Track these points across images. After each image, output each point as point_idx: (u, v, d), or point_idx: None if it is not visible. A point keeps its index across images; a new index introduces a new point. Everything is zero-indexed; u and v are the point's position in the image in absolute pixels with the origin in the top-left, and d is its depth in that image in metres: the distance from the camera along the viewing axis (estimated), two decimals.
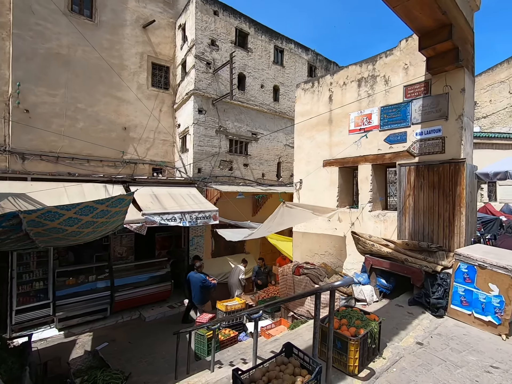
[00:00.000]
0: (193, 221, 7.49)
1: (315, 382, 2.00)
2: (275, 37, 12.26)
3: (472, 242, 4.67)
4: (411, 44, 5.22)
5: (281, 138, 12.53)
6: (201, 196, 8.82)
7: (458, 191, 4.56)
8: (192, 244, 9.57)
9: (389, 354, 3.00)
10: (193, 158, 9.82)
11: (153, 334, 7.14)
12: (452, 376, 2.65)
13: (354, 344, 2.60)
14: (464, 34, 4.57)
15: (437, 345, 3.19)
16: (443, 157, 4.74)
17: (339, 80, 6.50)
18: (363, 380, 2.58)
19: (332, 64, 14.88)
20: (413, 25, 4.16)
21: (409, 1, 3.56)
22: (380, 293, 4.96)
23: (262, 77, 11.77)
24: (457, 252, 3.91)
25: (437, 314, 3.90)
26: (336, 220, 6.35)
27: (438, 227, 4.79)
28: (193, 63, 9.91)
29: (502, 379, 2.62)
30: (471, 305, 3.69)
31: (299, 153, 7.33)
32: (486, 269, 3.54)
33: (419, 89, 5.09)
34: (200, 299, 6.95)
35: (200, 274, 6.99)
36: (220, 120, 10.52)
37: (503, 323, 3.39)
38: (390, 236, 5.38)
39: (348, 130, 6.22)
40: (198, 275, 6.95)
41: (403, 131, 5.28)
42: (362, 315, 3.10)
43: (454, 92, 4.65)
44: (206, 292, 6.99)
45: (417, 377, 2.63)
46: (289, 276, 6.15)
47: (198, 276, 6.92)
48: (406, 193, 5.20)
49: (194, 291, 6.95)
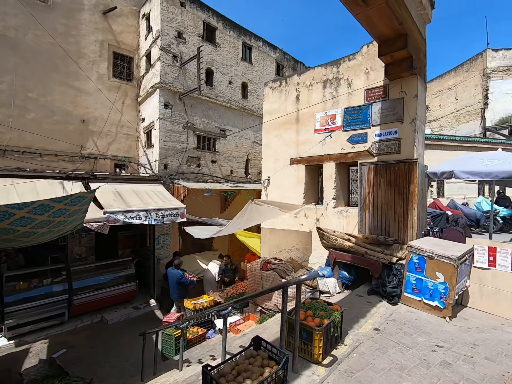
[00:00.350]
0: (160, 219, 7.29)
1: (282, 371, 2.09)
2: (244, 34, 12.24)
3: (423, 235, 5.13)
4: (372, 50, 5.53)
5: (249, 135, 12.59)
6: (167, 193, 8.59)
7: (411, 188, 4.97)
8: (158, 242, 9.31)
9: (350, 341, 3.22)
10: (159, 154, 9.51)
11: (116, 336, 6.86)
12: (404, 356, 2.92)
13: (318, 333, 2.75)
14: (418, 44, 4.95)
15: (392, 330, 3.48)
16: (398, 157, 5.13)
17: (305, 81, 6.69)
18: (326, 366, 2.74)
19: (299, 64, 15.22)
20: (373, 32, 4.42)
21: (370, 10, 3.79)
22: (342, 284, 5.26)
23: (230, 73, 11.70)
24: (409, 245, 4.27)
25: (392, 301, 4.25)
26: (303, 217, 6.58)
27: (394, 222, 5.18)
28: (159, 55, 9.55)
29: (445, 356, 2.94)
30: (421, 292, 4.07)
31: (267, 150, 7.44)
32: (434, 259, 3.92)
33: (378, 93, 5.44)
34: (177, 295, 7.01)
35: (178, 271, 7.04)
36: (188, 115, 10.29)
37: (447, 307, 3.80)
38: (352, 231, 5.71)
39: (314, 130, 6.45)
40: (175, 271, 7.00)
41: (364, 132, 5.61)
42: (326, 306, 3.28)
43: (408, 97, 5.04)
44: (183, 288, 7.06)
45: (374, 360, 2.86)
46: (257, 272, 6.26)
47: (176, 272, 6.97)
48: (366, 191, 5.55)
49: (172, 287, 7.04)
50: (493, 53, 21.26)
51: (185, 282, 6.95)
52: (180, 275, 6.93)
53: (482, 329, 3.56)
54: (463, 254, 3.90)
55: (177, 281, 6.89)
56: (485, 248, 4.09)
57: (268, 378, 1.97)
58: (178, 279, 6.88)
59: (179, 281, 6.90)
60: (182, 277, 6.93)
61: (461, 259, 3.79)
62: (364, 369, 2.71)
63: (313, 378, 2.56)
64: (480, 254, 4.14)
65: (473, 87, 22.70)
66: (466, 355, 2.95)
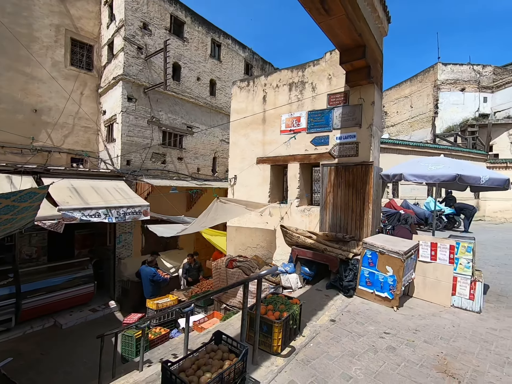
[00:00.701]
0: (121, 217, 7.01)
1: (241, 363, 2.18)
2: (213, 30, 12.13)
3: (377, 232, 5.55)
4: (335, 58, 5.83)
5: (217, 133, 12.54)
6: (130, 190, 8.28)
7: (367, 189, 5.35)
8: (119, 241, 8.94)
9: (308, 332, 3.41)
10: (121, 149, 9.11)
11: (71, 341, 6.49)
12: (355, 344, 3.17)
13: (278, 326, 2.88)
14: (375, 55, 5.33)
15: (346, 320, 3.74)
16: (356, 159, 5.48)
17: (272, 82, 6.85)
18: (285, 357, 2.89)
19: (268, 64, 15.45)
20: (335, 41, 4.67)
21: (332, 20, 4.01)
22: (304, 280, 5.50)
23: (198, 70, 11.54)
24: (364, 241, 4.61)
25: (348, 294, 4.55)
26: (268, 215, 6.74)
27: (351, 220, 5.54)
28: (122, 45, 9.14)
29: (391, 341, 3.25)
30: (373, 284, 4.41)
31: (234, 149, 7.49)
32: (385, 254, 4.28)
33: (339, 98, 5.75)
34: (149, 292, 6.99)
35: (151, 268, 7.04)
36: (153, 110, 9.98)
37: (395, 298, 4.17)
38: (314, 228, 5.99)
39: (280, 130, 6.63)
40: (148, 269, 7.01)
41: (326, 134, 5.90)
42: (286, 300, 3.44)
43: (366, 104, 5.40)
44: (156, 286, 7.06)
45: (329, 349, 3.07)
46: (223, 270, 6.31)
47: (148, 270, 6.99)
48: (327, 190, 5.85)
49: (145, 285, 7.04)
50: (443, 67, 23.33)
51: (157, 280, 7.00)
52: (153, 273, 6.97)
53: (424, 316, 3.97)
54: (409, 249, 4.29)
55: (150, 278, 6.91)
56: (428, 243, 4.55)
57: (228, 370, 2.05)
58: (151, 276, 6.91)
59: (152, 279, 6.91)
60: (155, 275, 6.97)
61: (407, 254, 4.17)
62: (319, 357, 2.90)
63: (272, 369, 2.69)
64: (424, 249, 4.59)
65: (425, 97, 24.73)
66: (409, 340, 3.28)
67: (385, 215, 9.30)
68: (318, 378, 2.58)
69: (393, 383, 2.53)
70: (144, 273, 7.02)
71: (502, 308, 4.26)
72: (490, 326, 3.67)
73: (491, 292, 4.87)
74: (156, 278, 6.93)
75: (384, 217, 9.01)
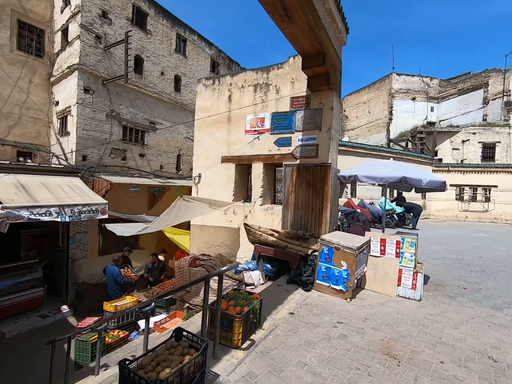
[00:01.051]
0: (75, 216, 6.61)
1: (201, 357, 2.24)
2: (178, 25, 11.85)
3: (334, 230, 5.90)
4: (297, 62, 6.07)
5: (182, 130, 12.29)
6: (86, 187, 7.81)
7: (326, 189, 5.67)
8: (74, 242, 8.39)
9: (268, 325, 3.56)
10: (76, 144, 8.55)
11: (17, 351, 5.98)
12: (311, 333, 3.39)
13: (238, 320, 2.98)
14: (334, 63, 5.66)
15: (304, 313, 3.96)
16: (316, 161, 5.78)
17: (238, 82, 6.92)
18: (245, 350, 3.00)
19: (235, 63, 15.47)
20: (297, 47, 4.88)
21: (294, 27, 4.19)
22: (266, 276, 5.67)
23: (162, 64, 11.21)
24: (322, 238, 4.89)
25: (306, 288, 4.80)
26: (232, 213, 6.82)
27: (311, 218, 5.83)
28: (78, 33, 8.57)
29: (343, 330, 3.52)
30: (329, 278, 4.71)
31: (198, 147, 7.44)
32: (340, 250, 4.59)
33: (302, 102, 6.01)
34: (114, 291, 6.76)
35: (115, 268, 6.78)
36: (112, 103, 9.50)
37: (348, 290, 4.50)
38: (276, 226, 6.20)
39: (244, 130, 6.73)
40: (112, 268, 6.76)
41: (289, 136, 6.13)
42: (247, 295, 3.55)
43: (326, 108, 5.72)
44: (120, 286, 6.83)
45: (287, 339, 3.24)
46: (186, 269, 6.25)
47: (112, 269, 6.75)
48: (289, 190, 6.08)
49: (109, 283, 6.81)
50: (397, 77, 25.21)
51: (119, 281, 6.74)
52: (116, 274, 6.72)
53: (373, 306, 4.34)
54: (362, 245, 4.66)
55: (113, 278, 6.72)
56: (378, 240, 4.97)
57: (188, 364, 2.09)
58: (114, 277, 6.70)
59: (114, 279, 6.70)
60: (118, 275, 6.74)
61: (360, 249, 4.52)
62: (277, 348, 3.05)
63: (232, 361, 2.78)
64: (375, 244, 5.00)
65: (382, 104, 26.55)
66: (359, 328, 3.58)
67: (344, 213, 9.87)
68: (275, 367, 2.72)
69: (343, 366, 2.77)
70: (108, 272, 6.79)
71: (438, 296, 4.80)
72: (427, 312, 4.13)
73: (430, 282, 5.45)
74: (118, 279, 6.64)
75: (342, 215, 9.56)
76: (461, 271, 6.31)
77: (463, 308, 4.30)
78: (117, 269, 6.79)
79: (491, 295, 4.92)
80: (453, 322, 3.81)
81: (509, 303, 4.59)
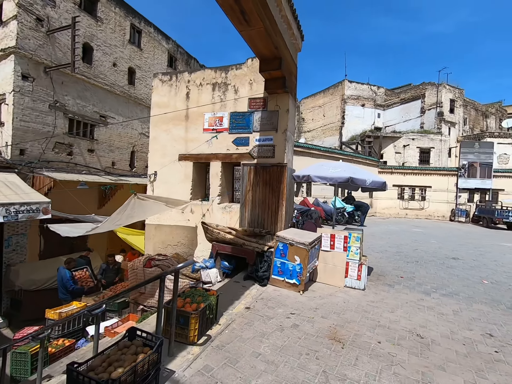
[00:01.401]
0: (11, 216, 5.98)
1: (156, 354, 2.24)
2: (133, 15, 11.29)
3: (289, 227, 6.19)
4: (255, 65, 6.22)
5: (136, 125, 11.73)
6: (24, 184, 7.08)
7: (281, 188, 5.92)
8: (9, 245, 7.55)
9: (224, 320, 3.64)
10: (12, 136, 7.70)
11: None
12: (266, 325, 3.55)
13: (194, 317, 3.01)
14: (290, 67, 5.93)
15: (260, 307, 4.12)
16: (273, 161, 6.00)
17: (196, 80, 6.86)
18: (201, 345, 3.04)
19: (193, 60, 15.19)
20: (255, 50, 5.02)
21: (252, 31, 4.32)
22: (223, 274, 5.73)
23: (115, 55, 10.58)
24: (277, 235, 5.11)
25: (262, 284, 4.98)
26: (189, 212, 6.74)
27: (267, 216, 6.04)
28: (15, 12, 7.72)
29: (295, 320, 3.75)
30: (284, 273, 4.95)
31: (154, 144, 7.20)
32: (293, 245, 4.85)
33: (259, 103, 6.18)
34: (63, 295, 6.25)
35: (66, 271, 6.25)
36: (57, 93, 8.72)
37: (301, 283, 4.77)
38: (234, 224, 6.29)
39: (203, 129, 6.70)
40: (64, 271, 6.24)
41: (247, 136, 6.26)
42: (204, 292, 3.59)
43: (282, 111, 5.96)
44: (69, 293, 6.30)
45: (242, 333, 3.36)
46: (140, 270, 6.02)
47: (63, 273, 6.23)
48: (247, 189, 6.22)
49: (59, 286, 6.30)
50: (349, 84, 26.96)
51: (67, 287, 6.19)
52: (66, 278, 6.19)
53: (323, 296, 4.67)
54: (313, 240, 4.97)
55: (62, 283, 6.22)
56: (328, 235, 5.34)
57: (141, 362, 2.08)
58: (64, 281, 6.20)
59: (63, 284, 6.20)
60: (68, 280, 6.21)
61: (311, 244, 4.83)
62: (233, 341, 3.15)
63: (188, 357, 2.80)
64: (325, 240, 5.37)
65: (335, 108, 28.18)
66: (309, 317, 3.84)
67: (299, 211, 10.34)
68: (231, 359, 2.82)
69: (294, 353, 2.97)
70: (58, 275, 6.27)
71: (380, 285, 5.33)
72: (370, 300, 4.58)
73: (373, 273, 6.02)
74: (67, 285, 6.08)
75: (298, 213, 10.01)
76: (399, 262, 7.06)
77: (399, 295, 4.85)
78: (68, 272, 6.20)
79: (422, 282, 5.61)
80: (390, 307, 4.29)
81: (436, 288, 5.29)
